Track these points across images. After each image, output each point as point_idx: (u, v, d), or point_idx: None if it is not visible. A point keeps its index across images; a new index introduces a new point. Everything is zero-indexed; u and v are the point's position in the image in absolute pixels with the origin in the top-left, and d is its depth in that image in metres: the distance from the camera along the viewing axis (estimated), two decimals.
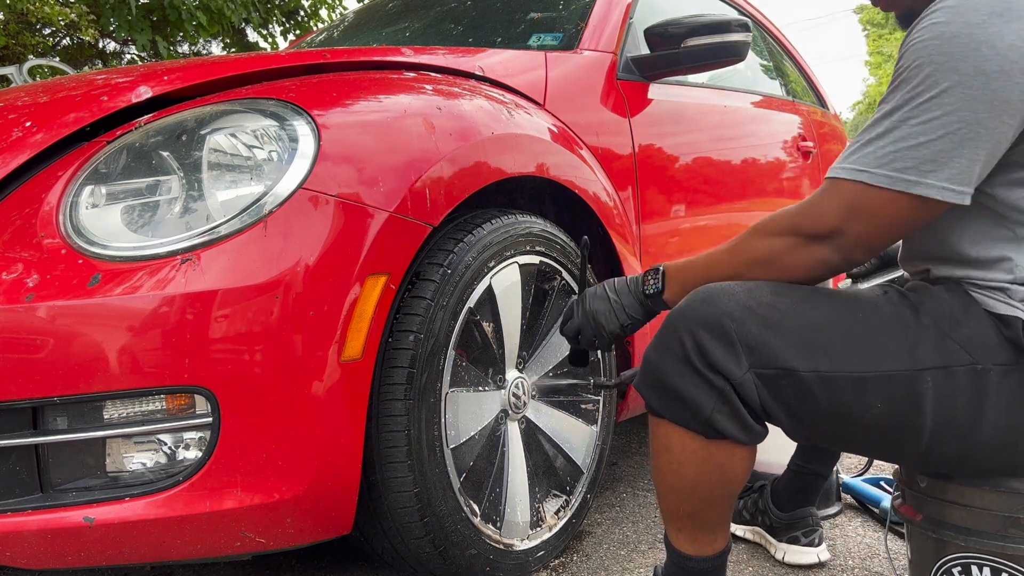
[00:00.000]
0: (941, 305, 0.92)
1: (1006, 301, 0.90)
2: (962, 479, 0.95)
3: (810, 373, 0.91)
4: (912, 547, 1.03)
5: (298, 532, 1.14)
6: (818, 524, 1.50)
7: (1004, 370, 0.88)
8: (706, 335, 0.93)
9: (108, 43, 7.74)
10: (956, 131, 0.85)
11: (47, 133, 1.18)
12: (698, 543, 1.05)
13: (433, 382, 1.26)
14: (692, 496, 1.01)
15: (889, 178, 0.87)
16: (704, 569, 1.06)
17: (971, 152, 0.85)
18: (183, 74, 1.31)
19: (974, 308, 0.91)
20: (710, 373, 0.93)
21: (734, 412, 0.93)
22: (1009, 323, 0.88)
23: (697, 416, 0.94)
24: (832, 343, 0.92)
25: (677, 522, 1.06)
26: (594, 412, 1.66)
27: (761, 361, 0.92)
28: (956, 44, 0.84)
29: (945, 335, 0.90)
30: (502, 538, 1.40)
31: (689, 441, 0.97)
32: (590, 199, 1.62)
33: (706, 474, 0.98)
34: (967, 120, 0.84)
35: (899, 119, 0.88)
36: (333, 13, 8.44)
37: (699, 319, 0.94)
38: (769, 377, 0.92)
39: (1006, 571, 0.90)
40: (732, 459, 0.98)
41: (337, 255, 1.13)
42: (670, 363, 0.96)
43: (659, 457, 1.02)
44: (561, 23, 2.03)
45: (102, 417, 1.05)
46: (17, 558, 1.06)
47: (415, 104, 1.34)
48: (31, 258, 1.06)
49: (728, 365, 0.92)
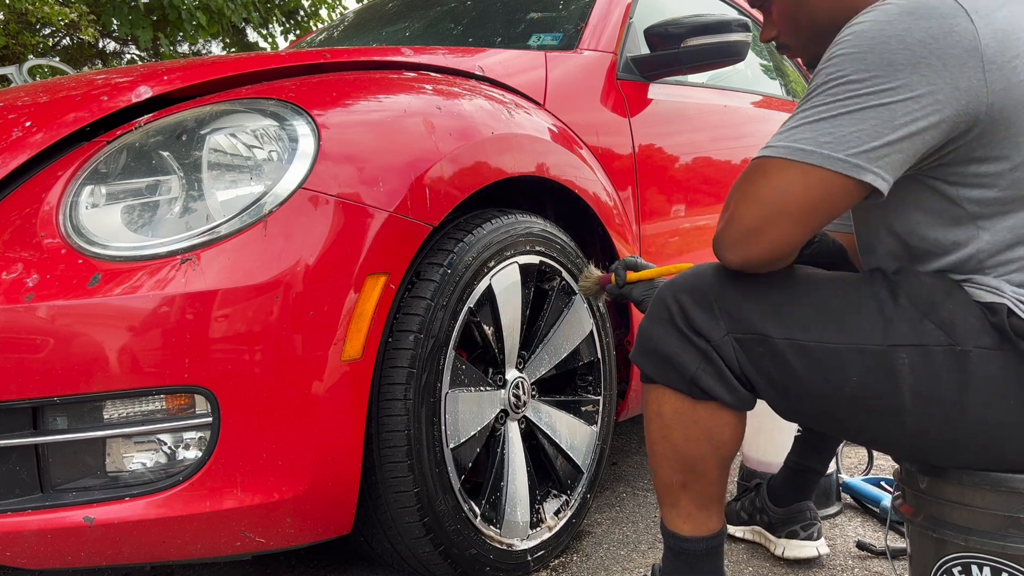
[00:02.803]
0: (921, 287, 0.93)
1: (989, 289, 0.91)
2: (961, 478, 0.95)
3: (784, 340, 0.94)
4: (912, 547, 1.03)
5: (298, 532, 1.14)
6: (816, 518, 1.50)
7: (987, 353, 0.88)
8: (688, 300, 0.99)
9: (108, 43, 7.74)
10: (867, 119, 0.86)
11: (47, 133, 1.18)
12: (692, 521, 1.07)
13: (433, 382, 1.26)
14: (682, 462, 1.04)
15: (819, 155, 0.88)
16: (699, 551, 1.07)
17: (885, 139, 0.86)
18: (183, 74, 1.31)
19: (958, 293, 0.92)
20: (693, 335, 0.98)
21: (718, 372, 0.98)
22: (995, 310, 0.89)
23: (683, 375, 0.99)
24: (806, 314, 0.95)
25: (671, 496, 1.07)
26: (594, 412, 1.66)
27: (739, 327, 0.96)
28: (865, 39, 0.87)
29: (922, 316, 0.91)
30: (502, 538, 1.40)
31: (677, 403, 1.02)
32: (590, 199, 1.62)
33: (694, 438, 1.02)
34: (874, 108, 0.86)
35: (810, 110, 0.90)
36: (333, 13, 8.44)
37: (684, 287, 1.01)
38: (746, 342, 0.96)
39: (1006, 571, 0.90)
40: (719, 423, 1.01)
41: (337, 255, 1.13)
42: (658, 328, 1.02)
43: (650, 425, 1.06)
44: (561, 23, 2.03)
45: (102, 417, 1.05)
46: (17, 558, 1.06)
47: (415, 104, 1.34)
48: (31, 258, 1.06)
49: (708, 328, 0.97)
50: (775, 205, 0.90)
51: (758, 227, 0.91)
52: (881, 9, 0.89)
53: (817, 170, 0.88)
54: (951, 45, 0.85)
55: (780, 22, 1.14)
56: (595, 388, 1.67)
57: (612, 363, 1.69)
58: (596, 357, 1.65)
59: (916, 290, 0.93)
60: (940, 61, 0.85)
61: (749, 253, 0.93)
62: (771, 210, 0.90)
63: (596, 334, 1.64)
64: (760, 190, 0.91)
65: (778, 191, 0.90)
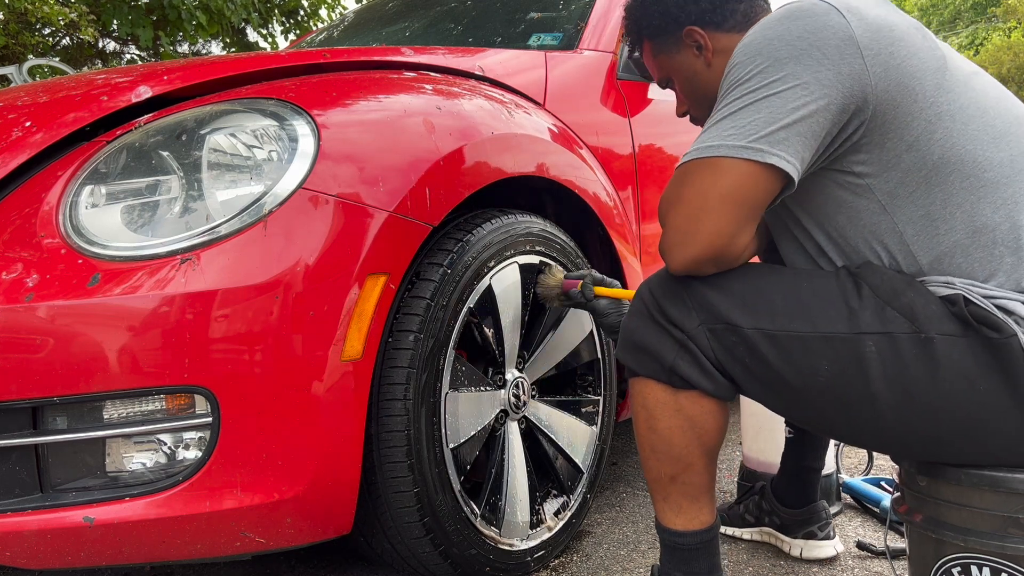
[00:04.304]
0: (883, 279, 0.97)
1: (940, 284, 0.95)
2: (960, 479, 0.95)
3: (753, 330, 0.98)
4: (912, 547, 1.03)
5: (298, 532, 1.14)
6: (830, 517, 1.52)
7: (952, 340, 0.91)
8: (661, 293, 1.03)
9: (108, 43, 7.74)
10: (762, 109, 0.93)
11: (47, 133, 1.18)
12: (684, 515, 1.09)
13: (433, 382, 1.26)
14: (669, 453, 1.06)
15: (735, 148, 0.94)
16: (694, 546, 1.09)
17: (781, 123, 0.93)
18: (183, 74, 1.30)
19: (918, 285, 0.96)
20: (669, 326, 1.02)
21: (695, 360, 1.01)
22: (953, 301, 0.92)
23: (662, 364, 1.03)
24: (774, 304, 0.98)
25: (662, 490, 1.10)
26: (594, 412, 1.66)
27: (711, 317, 1.00)
28: (752, 47, 0.96)
29: (885, 304, 0.94)
30: (502, 538, 1.40)
31: (660, 393, 1.04)
32: (590, 199, 1.62)
33: (678, 427, 1.04)
34: (768, 98, 0.93)
35: (715, 115, 0.98)
36: (333, 13, 8.44)
37: (657, 281, 1.06)
38: (718, 332, 1.00)
39: (1006, 571, 0.90)
40: (702, 411, 1.04)
41: (337, 255, 1.13)
42: (637, 321, 1.06)
43: (637, 417, 1.09)
44: (561, 23, 2.03)
45: (102, 417, 1.05)
46: (17, 558, 1.06)
47: (415, 104, 1.34)
48: (31, 258, 1.06)
49: (682, 319, 1.01)
50: (695, 203, 0.95)
51: (687, 228, 0.96)
52: (761, 22, 1.00)
53: (724, 161, 0.94)
54: (828, 37, 0.93)
55: (684, 97, 1.29)
56: (595, 388, 1.67)
57: (612, 363, 1.69)
58: (596, 357, 1.65)
59: (878, 280, 0.96)
60: (820, 51, 0.92)
61: (686, 254, 0.97)
62: (693, 208, 0.96)
63: (596, 334, 1.64)
64: (682, 193, 0.97)
65: (695, 189, 0.95)
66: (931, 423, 0.93)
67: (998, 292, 0.93)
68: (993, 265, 0.94)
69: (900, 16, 0.98)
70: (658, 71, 1.31)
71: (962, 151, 0.94)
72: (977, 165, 0.95)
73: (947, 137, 0.94)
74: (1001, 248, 0.94)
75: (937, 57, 0.96)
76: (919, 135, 0.94)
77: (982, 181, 0.95)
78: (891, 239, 0.98)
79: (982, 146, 0.95)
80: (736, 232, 0.95)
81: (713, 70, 1.22)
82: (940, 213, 0.95)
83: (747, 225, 0.96)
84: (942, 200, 0.95)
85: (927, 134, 0.94)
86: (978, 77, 1.01)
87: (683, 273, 1.00)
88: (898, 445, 1.00)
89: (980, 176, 0.95)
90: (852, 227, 1.01)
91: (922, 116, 0.94)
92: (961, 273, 0.95)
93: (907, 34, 0.96)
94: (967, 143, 0.95)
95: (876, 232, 0.99)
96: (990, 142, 0.96)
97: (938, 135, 0.94)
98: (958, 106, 0.95)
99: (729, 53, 1.12)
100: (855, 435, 1.03)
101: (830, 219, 1.02)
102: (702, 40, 1.22)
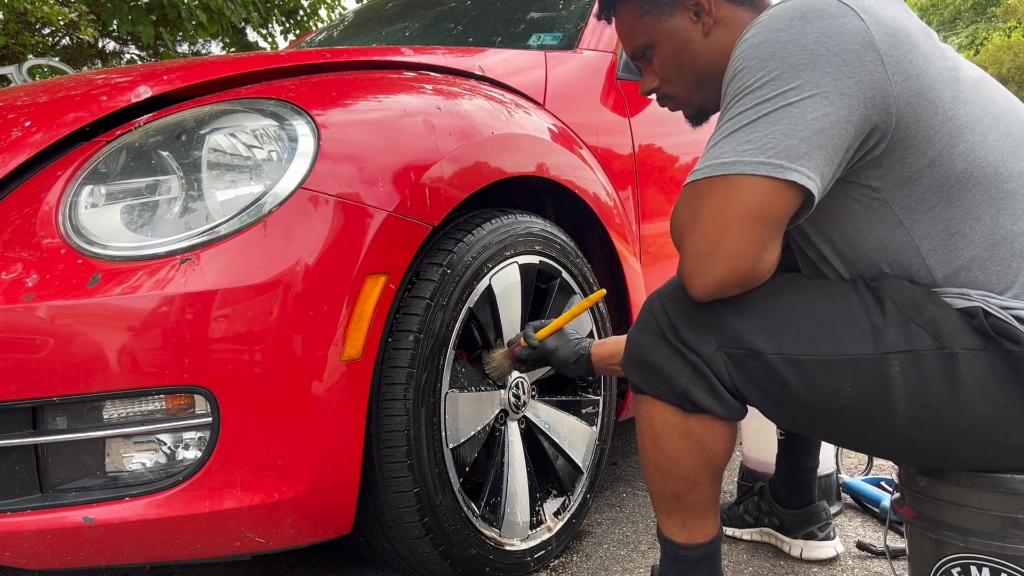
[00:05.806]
0: (903, 292, 0.92)
1: (956, 296, 0.91)
2: (960, 479, 0.95)
3: (776, 355, 0.93)
4: (911, 548, 1.03)
5: (298, 532, 1.14)
6: (831, 517, 1.52)
7: (973, 355, 0.88)
8: (676, 312, 0.98)
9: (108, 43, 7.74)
10: (779, 121, 0.86)
11: (46, 133, 1.18)
12: (688, 529, 1.07)
13: (433, 382, 1.26)
14: (676, 474, 1.03)
15: (749, 164, 0.88)
16: (697, 558, 1.07)
17: (801, 137, 0.87)
18: (183, 74, 1.30)
19: (937, 297, 0.92)
20: (683, 348, 0.97)
21: (709, 386, 0.97)
22: (972, 314, 0.89)
23: (674, 389, 0.98)
24: (797, 327, 0.93)
25: (666, 506, 1.07)
26: (594, 412, 1.66)
27: (729, 342, 0.95)
28: (763, 49, 0.88)
29: (908, 319, 0.90)
30: (502, 538, 1.40)
31: (669, 416, 1.00)
32: (590, 199, 1.62)
33: (687, 450, 1.01)
34: (784, 108, 0.86)
35: (725, 126, 0.91)
36: (333, 13, 8.44)
37: (672, 296, 0.99)
38: (737, 357, 0.95)
39: (1005, 571, 0.90)
40: (712, 435, 1.00)
41: (337, 255, 1.13)
42: (647, 339, 1.01)
43: (643, 436, 1.05)
44: (561, 23, 2.03)
45: (102, 417, 1.05)
46: (17, 558, 1.06)
47: (415, 104, 1.34)
48: (30, 258, 1.06)
49: (698, 343, 0.96)
50: (714, 225, 0.89)
51: (707, 252, 0.90)
52: (769, 18, 0.91)
53: (742, 179, 0.87)
54: (847, 41, 0.86)
55: (662, 71, 1.14)
56: (595, 388, 1.67)
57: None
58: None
59: (899, 294, 0.92)
60: (839, 57, 0.86)
61: (709, 279, 0.91)
62: (712, 230, 0.89)
63: (596, 334, 1.64)
64: (699, 214, 0.90)
65: (712, 209, 0.89)
66: (946, 435, 0.90)
67: (1016, 303, 0.89)
68: (1010, 276, 0.91)
69: (911, 18, 0.93)
70: (638, 36, 1.14)
71: (983, 163, 0.90)
72: (998, 176, 0.91)
73: (969, 151, 0.90)
74: (1019, 259, 0.91)
75: (949, 67, 0.92)
76: (941, 150, 0.89)
77: (1003, 192, 0.91)
78: (905, 253, 0.94)
79: (1002, 156, 0.91)
80: (759, 252, 0.89)
81: (710, 42, 1.08)
82: (959, 227, 0.91)
83: (771, 243, 0.90)
84: (962, 214, 0.91)
85: (949, 148, 0.89)
86: (985, 83, 0.97)
87: (707, 299, 0.94)
88: (909, 454, 0.97)
89: (1001, 187, 0.91)
90: (862, 238, 0.96)
91: (943, 130, 0.89)
92: (977, 285, 0.91)
93: (920, 41, 0.91)
94: (988, 155, 0.90)
95: (889, 245, 0.95)
96: (1009, 151, 0.92)
97: (960, 148, 0.90)
98: (975, 117, 0.91)
99: (732, 26, 1.06)
100: (866, 446, 1.01)
101: (838, 228, 0.98)
102: (705, 2, 1.08)
